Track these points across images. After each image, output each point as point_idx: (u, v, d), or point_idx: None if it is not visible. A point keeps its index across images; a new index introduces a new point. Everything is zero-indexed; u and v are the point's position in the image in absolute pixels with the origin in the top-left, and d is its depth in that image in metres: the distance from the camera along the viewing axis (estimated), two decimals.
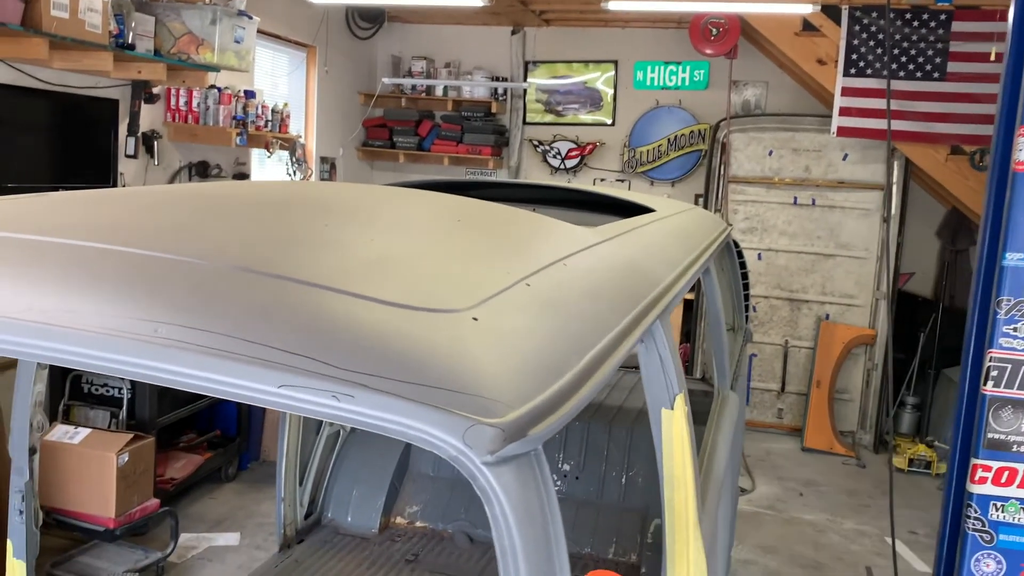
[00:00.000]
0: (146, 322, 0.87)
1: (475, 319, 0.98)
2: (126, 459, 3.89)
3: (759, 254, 7.21)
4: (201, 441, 5.16)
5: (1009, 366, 2.23)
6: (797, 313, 7.28)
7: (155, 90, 5.34)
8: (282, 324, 0.87)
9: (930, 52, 6.07)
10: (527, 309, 1.11)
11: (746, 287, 4.26)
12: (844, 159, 6.97)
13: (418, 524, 3.68)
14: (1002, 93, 2.27)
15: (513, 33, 8.01)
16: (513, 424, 0.84)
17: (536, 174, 8.09)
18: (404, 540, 3.58)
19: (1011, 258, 2.20)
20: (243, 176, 6.39)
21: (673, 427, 1.68)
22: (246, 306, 0.90)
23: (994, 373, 2.24)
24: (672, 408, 1.69)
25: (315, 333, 0.86)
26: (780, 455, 6.67)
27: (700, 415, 2.57)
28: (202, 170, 5.85)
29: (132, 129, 5.18)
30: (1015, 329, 2.20)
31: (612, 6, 5.92)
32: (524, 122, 8.13)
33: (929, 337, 7.06)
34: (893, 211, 6.80)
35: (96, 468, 3.84)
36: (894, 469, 6.42)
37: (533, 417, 0.88)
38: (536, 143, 8.12)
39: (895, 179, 6.77)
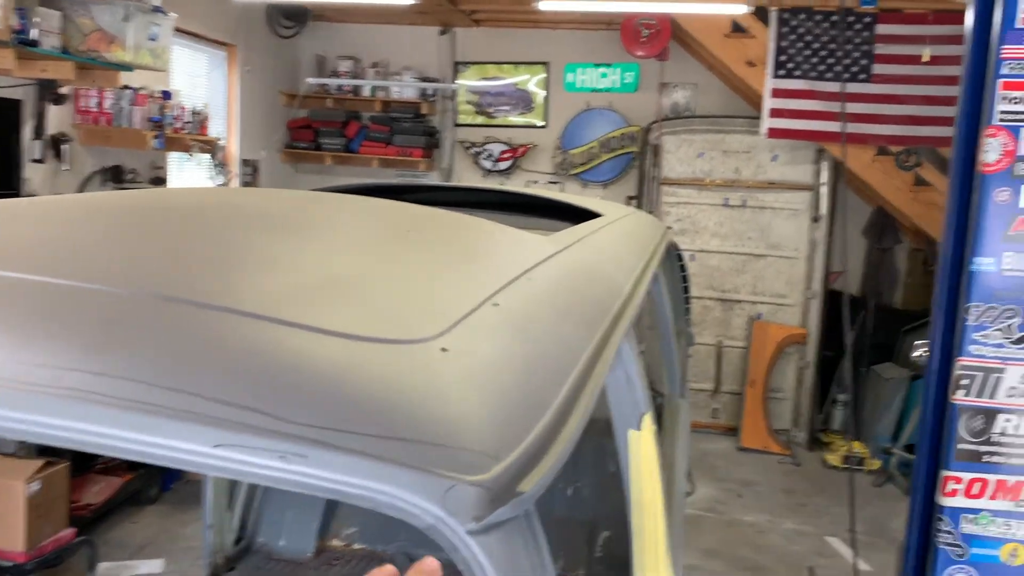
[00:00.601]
0: (46, 368, 0.70)
1: (444, 350, 0.84)
2: (37, 487, 3.61)
3: (691, 255, 7.22)
4: (120, 462, 4.86)
5: (980, 374, 2.20)
6: (730, 313, 7.31)
7: (63, 90, 5.01)
8: (216, 366, 0.71)
9: (856, 54, 6.15)
10: (499, 334, 0.98)
11: (687, 290, 4.21)
12: (773, 160, 7.03)
13: (356, 547, 3.50)
14: (962, 95, 2.24)
15: (442, 33, 7.85)
16: (501, 480, 0.70)
17: (469, 177, 7.95)
18: (341, 564, 3.40)
19: (980, 263, 2.16)
20: (160, 182, 6.07)
21: (641, 449, 1.57)
22: (171, 345, 0.74)
23: (964, 382, 2.20)
24: (640, 429, 1.58)
25: (257, 377, 0.71)
26: (717, 455, 6.68)
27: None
28: (116, 175, 5.53)
29: (38, 132, 4.85)
30: (985, 336, 2.17)
31: (543, 6, 5.82)
32: (455, 124, 7.98)
33: (858, 334, 7.16)
34: (822, 211, 6.88)
35: (3, 499, 3.55)
36: (827, 465, 6.51)
37: (522, 467, 0.75)
38: (468, 145, 7.97)
39: (824, 179, 6.86)
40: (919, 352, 5.52)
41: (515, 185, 7.60)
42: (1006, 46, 2.09)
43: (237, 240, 1.10)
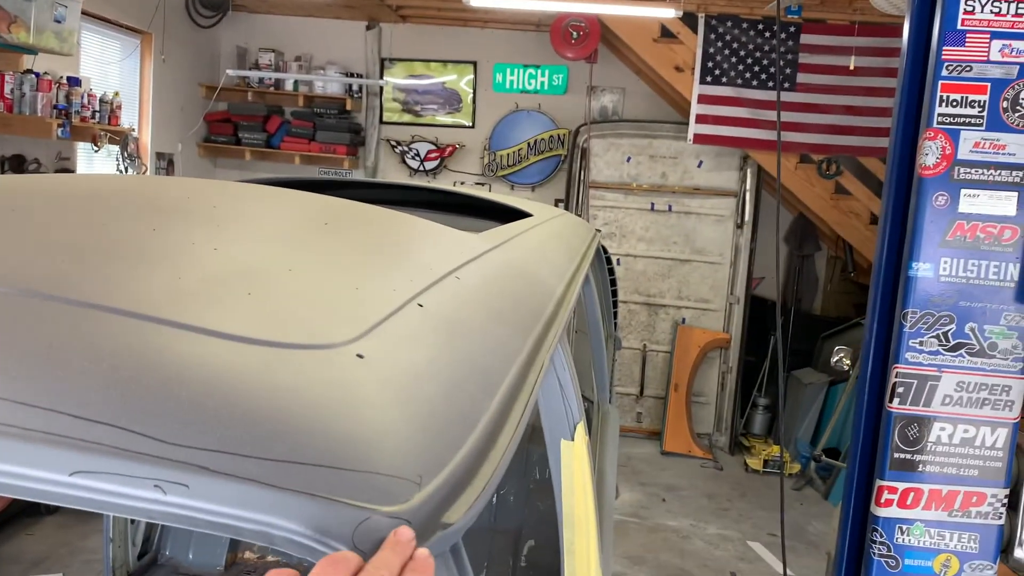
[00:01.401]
0: None
1: (360, 356, 0.73)
2: None
3: (618, 259, 7.22)
4: None
5: (915, 382, 2.18)
6: (655, 317, 7.34)
7: None
8: (80, 375, 0.59)
9: (780, 63, 6.23)
10: (424, 338, 0.87)
11: (615, 294, 4.17)
12: (699, 166, 7.08)
13: (270, 558, 3.33)
14: (900, 97, 2.22)
15: (368, 28, 7.67)
16: (423, 510, 0.60)
17: (394, 175, 7.79)
18: None
19: (917, 268, 2.15)
20: (66, 172, 5.75)
21: (574, 460, 1.48)
22: (27, 349, 0.61)
23: (900, 389, 2.18)
24: (572, 439, 1.49)
25: (130, 388, 0.59)
26: (641, 460, 6.68)
27: None
28: (17, 165, 5.20)
29: None
30: (921, 343, 2.15)
31: (473, 3, 5.72)
32: (381, 121, 7.81)
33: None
34: (746, 217, 6.96)
35: None
36: (748, 469, 6.57)
37: (448, 494, 0.64)
38: (394, 143, 7.82)
39: (748, 186, 6.93)
40: (838, 358, 5.61)
41: (444, 185, 7.47)
42: (947, 47, 2.09)
43: (123, 228, 0.97)
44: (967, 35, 2.10)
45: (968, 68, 2.10)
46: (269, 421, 0.59)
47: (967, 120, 2.14)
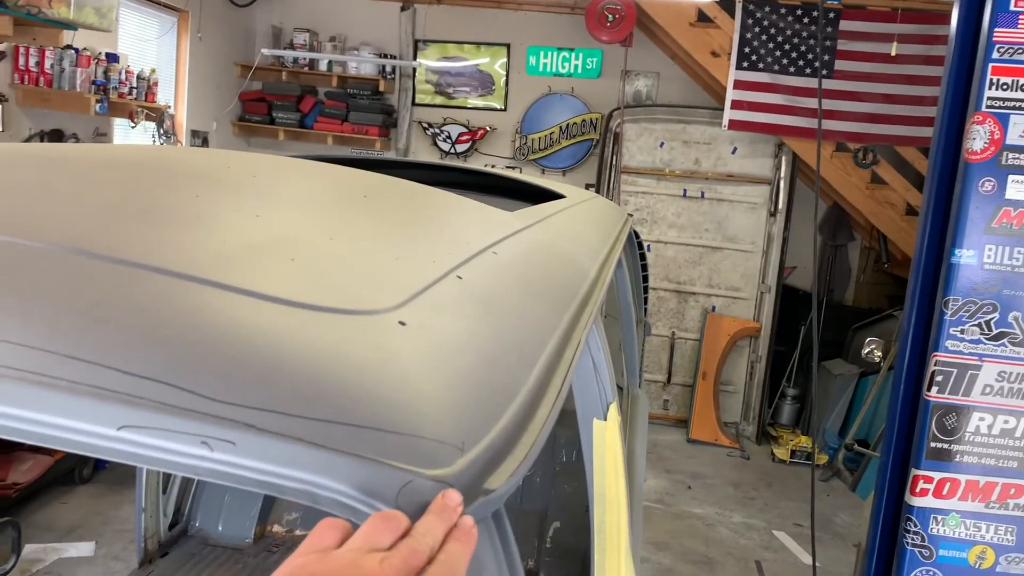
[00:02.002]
0: None
1: (402, 323, 0.72)
2: None
3: (648, 246, 7.17)
4: None
5: (955, 370, 2.14)
6: (684, 305, 7.29)
7: (0, 47, 4.74)
8: (128, 332, 0.59)
9: (819, 49, 6.13)
10: (463, 309, 0.87)
11: (646, 279, 4.15)
12: (733, 152, 7.01)
13: (298, 532, 3.37)
14: (947, 80, 2.17)
15: (403, 9, 7.66)
16: (466, 476, 0.60)
17: (426, 157, 7.79)
18: (282, 551, 3.26)
19: (960, 255, 2.10)
20: None
21: (606, 440, 1.47)
22: (75, 305, 0.61)
23: (939, 378, 2.15)
24: (605, 419, 1.49)
25: (177, 346, 0.59)
26: (666, 447, 6.66)
27: None
28: (56, 140, 5.27)
29: None
30: (962, 331, 2.11)
31: None
32: (413, 103, 7.81)
33: (809, 330, 7.20)
34: (780, 206, 6.88)
35: None
36: (775, 459, 6.53)
37: (490, 461, 0.64)
38: (426, 125, 7.81)
39: (782, 174, 6.85)
40: (869, 349, 5.54)
41: (474, 165, 7.47)
42: (998, 29, 2.03)
43: (169, 195, 0.98)
44: (1020, 16, 2.04)
45: (1020, 50, 2.04)
46: (314, 382, 0.60)
47: (1017, 104, 2.08)
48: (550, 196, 2.60)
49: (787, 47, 6.25)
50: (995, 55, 2.06)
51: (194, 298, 0.64)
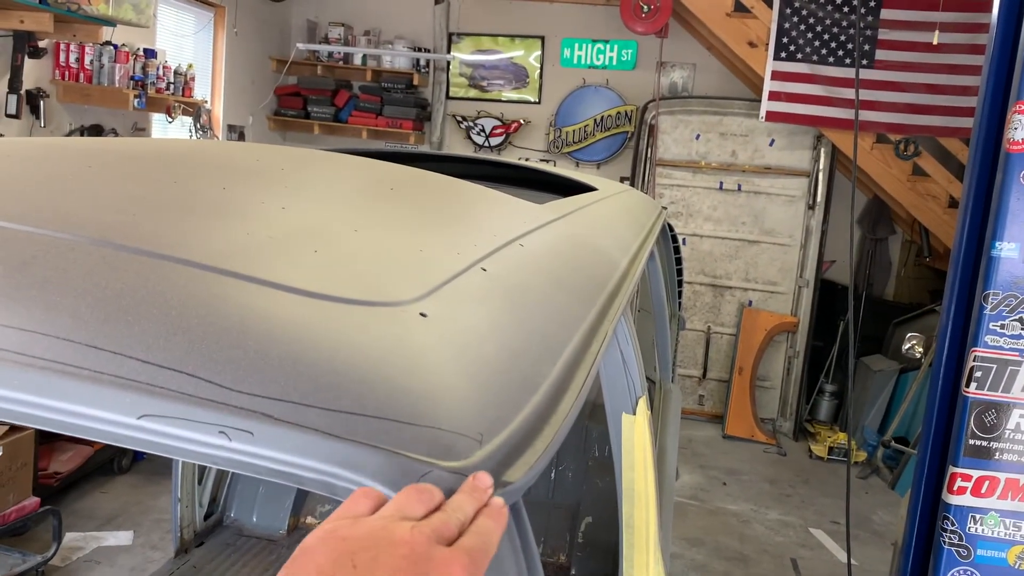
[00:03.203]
0: None
1: (423, 315, 0.72)
2: None
3: (684, 239, 7.11)
4: None
5: (995, 366, 2.09)
6: (720, 299, 7.22)
7: (41, 43, 4.83)
8: (149, 322, 0.60)
9: (860, 38, 6.02)
10: (486, 301, 0.86)
11: (680, 273, 4.11)
12: (771, 145, 6.92)
13: None
14: (988, 68, 2.11)
15: (437, 3, 7.66)
16: (485, 467, 0.59)
17: (459, 151, 7.80)
18: None
19: (1000, 248, 2.05)
20: None
21: (635, 434, 1.46)
22: (98, 296, 0.62)
23: (978, 374, 2.10)
24: (634, 413, 1.47)
25: (197, 337, 0.59)
26: (702, 443, 6.61)
27: None
28: (95, 134, 5.36)
29: (14, 86, 4.67)
30: (1002, 326, 2.06)
31: None
32: (447, 96, 7.81)
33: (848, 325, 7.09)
34: (818, 198, 6.78)
35: None
36: (812, 456, 6.45)
37: (509, 453, 0.64)
38: (460, 119, 7.82)
39: (821, 166, 6.75)
40: (910, 345, 5.44)
41: (506, 158, 7.46)
42: None
43: (195, 187, 0.98)
44: None
45: None
46: (333, 373, 0.59)
47: None
48: (582, 189, 2.59)
49: (826, 36, 6.15)
50: None
51: (215, 289, 0.65)
